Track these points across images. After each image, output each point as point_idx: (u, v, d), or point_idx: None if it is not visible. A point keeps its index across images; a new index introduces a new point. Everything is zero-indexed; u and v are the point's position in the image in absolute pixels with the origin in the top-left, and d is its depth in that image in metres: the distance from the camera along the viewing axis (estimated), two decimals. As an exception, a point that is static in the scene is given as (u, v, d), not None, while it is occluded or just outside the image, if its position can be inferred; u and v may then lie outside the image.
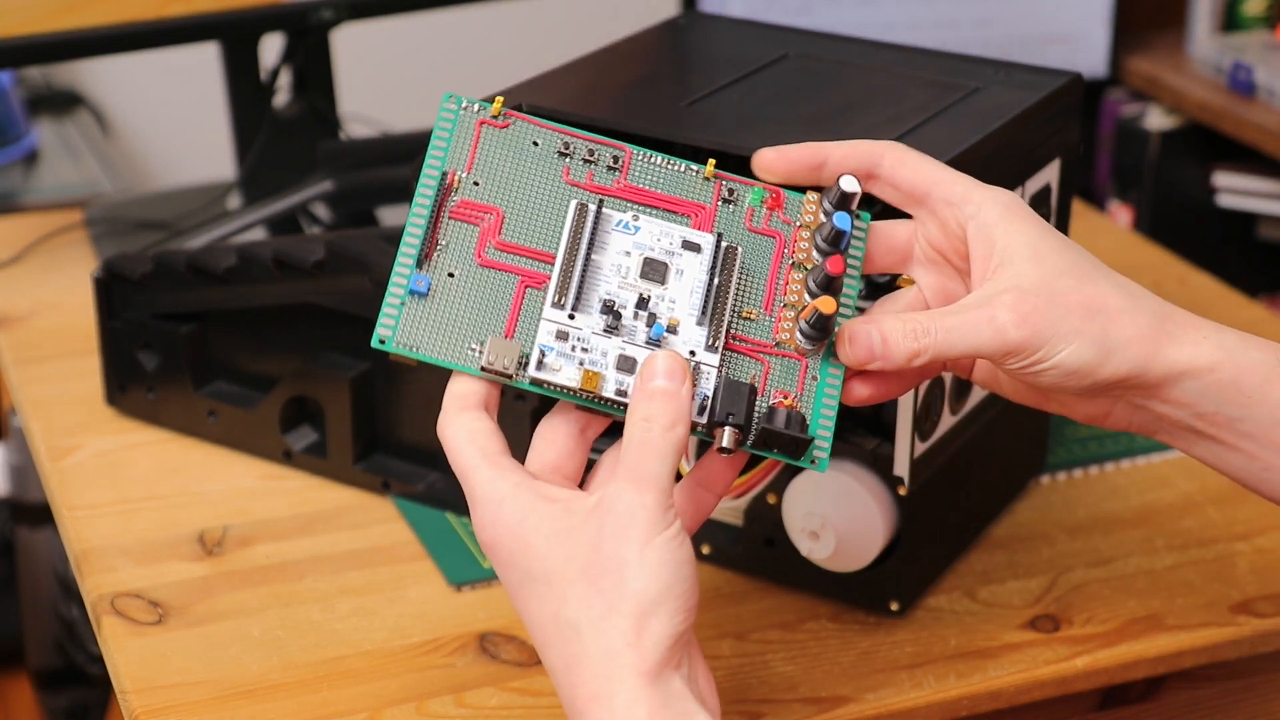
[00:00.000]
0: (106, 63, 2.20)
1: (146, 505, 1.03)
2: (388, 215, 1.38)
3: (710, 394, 0.72)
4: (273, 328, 1.07)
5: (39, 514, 1.66)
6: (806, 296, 0.75)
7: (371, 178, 1.38)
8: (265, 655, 0.90)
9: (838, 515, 0.89)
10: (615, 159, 0.77)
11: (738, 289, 0.75)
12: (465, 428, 0.71)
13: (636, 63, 1.03)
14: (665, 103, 0.95)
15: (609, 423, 0.74)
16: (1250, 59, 2.13)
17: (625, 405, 0.72)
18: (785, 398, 0.74)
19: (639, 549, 0.67)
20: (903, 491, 0.89)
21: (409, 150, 1.38)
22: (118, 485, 1.05)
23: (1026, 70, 0.99)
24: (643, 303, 0.74)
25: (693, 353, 0.73)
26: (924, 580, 0.95)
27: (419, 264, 0.74)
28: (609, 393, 0.72)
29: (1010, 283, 0.73)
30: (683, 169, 0.77)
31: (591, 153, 0.77)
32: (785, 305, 0.75)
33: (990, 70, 0.99)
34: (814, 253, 0.76)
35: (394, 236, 1.00)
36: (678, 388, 0.70)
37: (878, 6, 2.14)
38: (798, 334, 0.75)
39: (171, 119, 2.29)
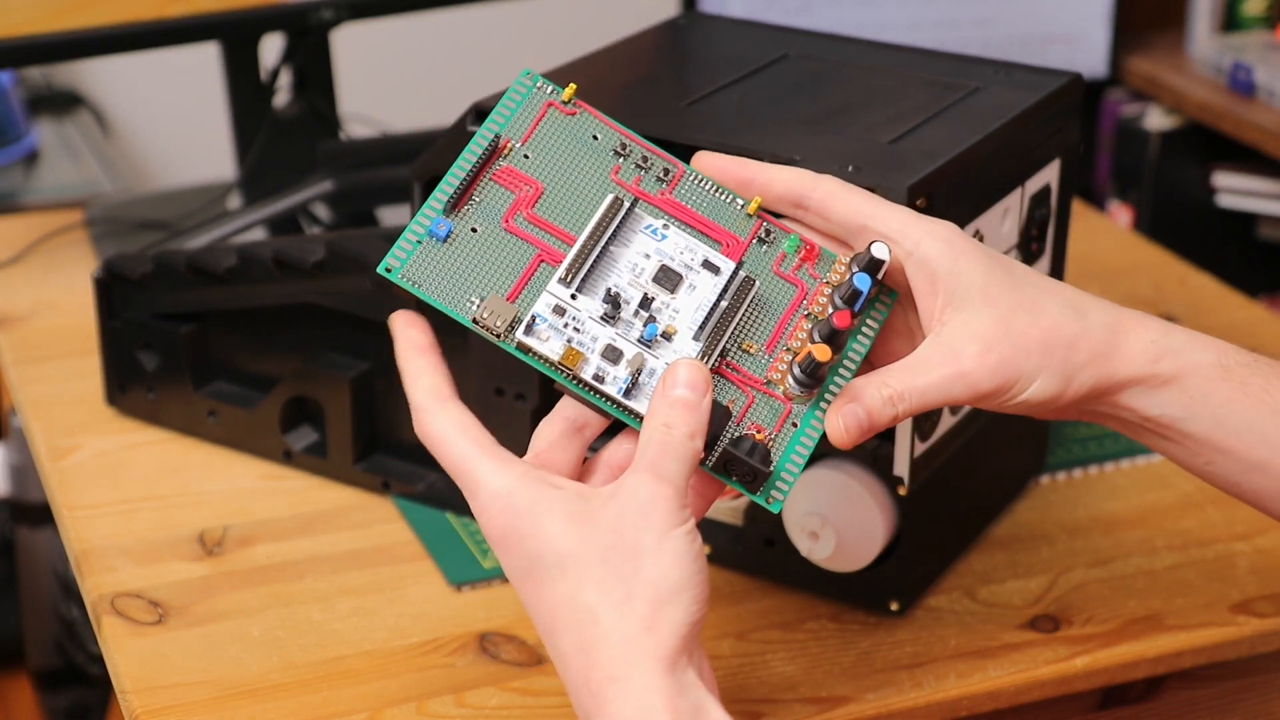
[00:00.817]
0: (106, 63, 2.20)
1: (146, 505, 1.03)
2: (388, 215, 1.38)
3: None
4: (273, 328, 1.07)
5: (39, 514, 1.66)
6: (809, 343, 0.75)
7: (371, 178, 1.38)
8: (265, 655, 0.90)
9: (838, 515, 0.89)
10: (666, 171, 0.78)
11: (743, 320, 0.76)
12: (453, 420, 0.72)
13: (636, 63, 1.03)
14: (665, 103, 0.95)
15: (607, 424, 0.74)
16: (1250, 59, 2.13)
17: (610, 400, 0.72)
18: (758, 432, 0.74)
19: (658, 538, 0.67)
20: (903, 491, 0.89)
21: (409, 150, 1.38)
22: (118, 485, 1.05)
23: (1026, 70, 0.99)
24: (646, 303, 0.74)
25: None
26: (924, 580, 0.95)
27: (447, 210, 0.75)
28: (587, 375, 0.72)
29: (968, 329, 0.74)
30: (729, 199, 0.78)
31: (645, 160, 0.78)
32: (786, 349, 0.76)
33: (990, 70, 0.99)
34: (829, 308, 0.76)
35: (394, 236, 1.00)
36: (699, 399, 0.71)
37: (878, 6, 2.14)
38: (789, 378, 0.75)
39: (171, 119, 2.29)
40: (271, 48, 1.39)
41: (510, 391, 0.98)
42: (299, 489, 1.05)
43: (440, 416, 0.72)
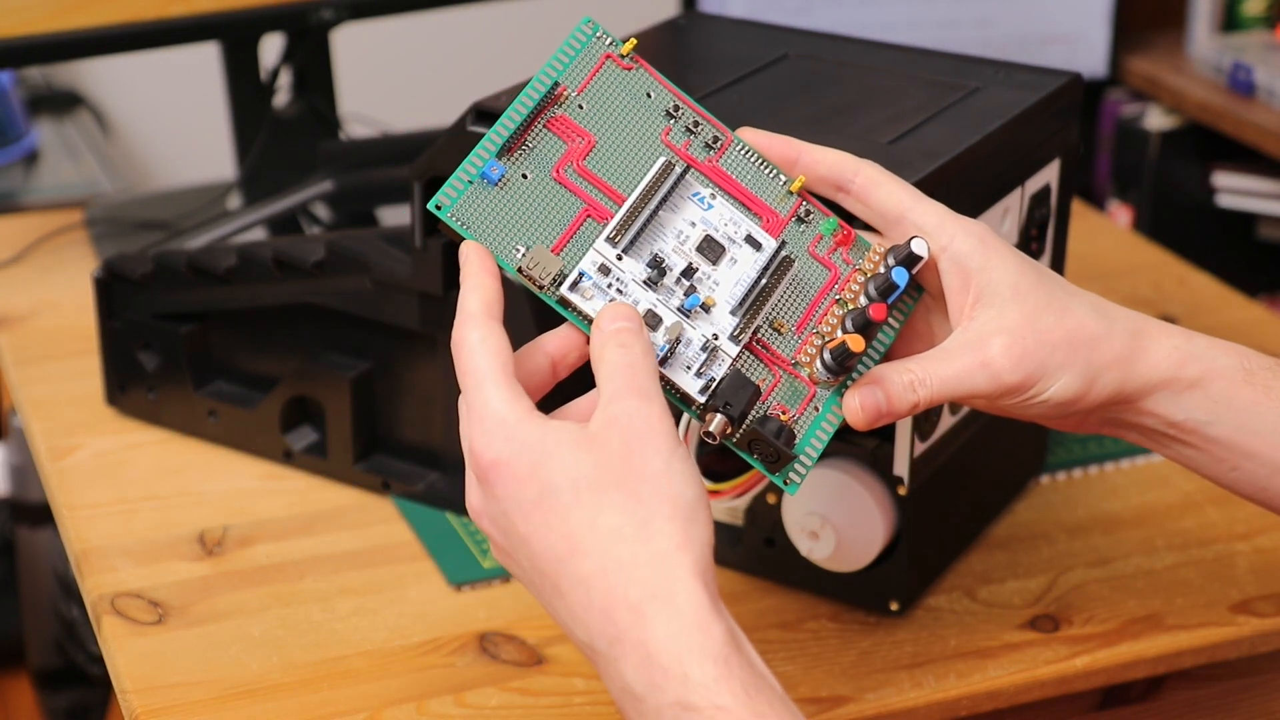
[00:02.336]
0: (106, 63, 2.20)
1: (146, 505, 1.03)
2: (388, 215, 1.38)
3: (717, 378, 0.73)
4: (273, 328, 1.07)
5: (39, 514, 1.66)
6: (839, 331, 0.75)
7: (371, 178, 1.38)
8: (265, 655, 0.90)
9: (837, 515, 0.89)
10: (715, 139, 0.78)
11: (780, 298, 0.76)
12: (489, 336, 0.70)
13: (636, 63, 1.03)
14: (665, 103, 0.95)
15: (582, 362, 0.74)
16: (1250, 59, 2.13)
17: None
18: (784, 413, 0.75)
19: (665, 460, 0.67)
20: (903, 491, 0.89)
21: (409, 150, 1.38)
22: (118, 485, 1.05)
23: (1026, 70, 0.99)
24: (689, 272, 0.74)
25: (715, 336, 0.74)
26: (924, 580, 0.95)
27: (500, 153, 0.75)
28: None
29: (996, 324, 0.74)
30: (773, 174, 0.78)
31: (696, 124, 0.78)
32: (816, 332, 0.76)
33: (990, 70, 0.99)
34: (861, 296, 0.76)
35: (394, 236, 1.00)
36: (638, 325, 0.71)
37: (878, 6, 2.14)
38: (818, 362, 0.75)
39: (171, 119, 2.29)
40: (271, 48, 1.39)
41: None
42: (299, 489, 1.05)
43: (480, 328, 0.71)
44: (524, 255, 0.73)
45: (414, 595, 0.95)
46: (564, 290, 0.73)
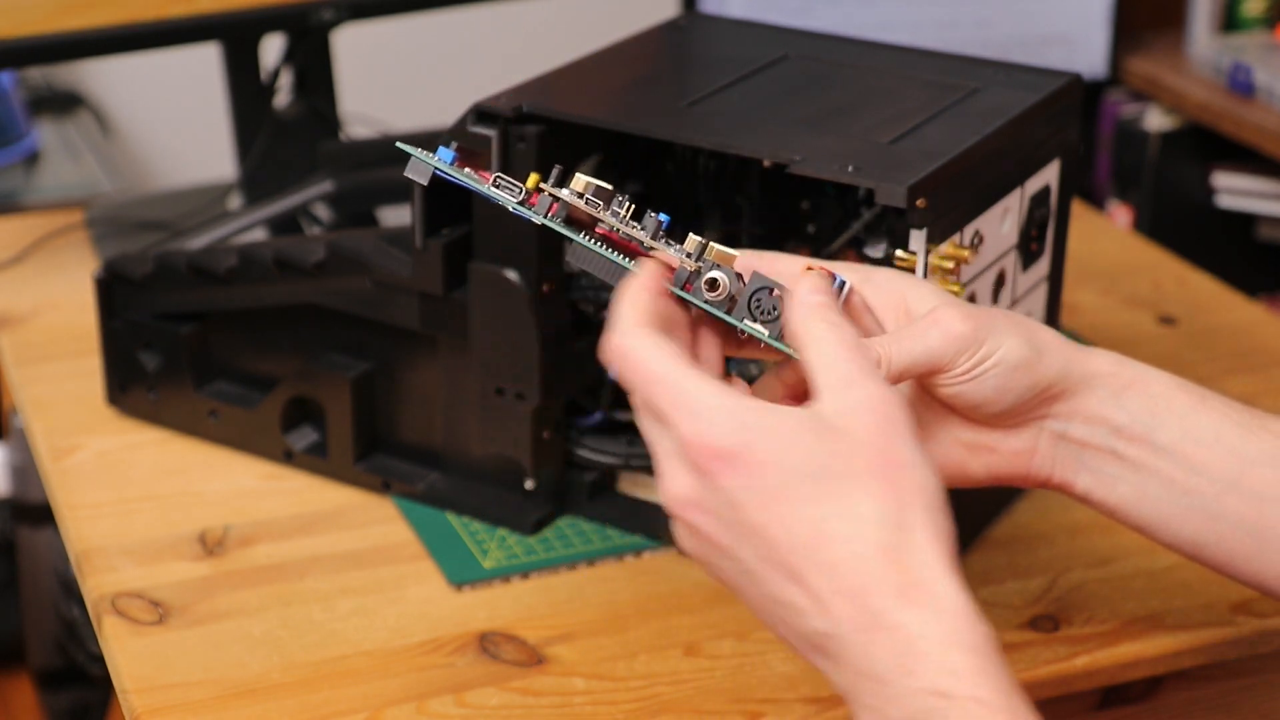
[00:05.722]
0: (107, 63, 2.20)
1: (147, 505, 1.03)
2: (388, 215, 1.38)
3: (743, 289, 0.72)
4: (273, 328, 1.07)
5: (40, 514, 1.66)
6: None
7: (372, 178, 1.38)
8: (266, 655, 0.90)
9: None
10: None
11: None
12: (657, 339, 0.69)
13: (637, 63, 1.03)
14: (665, 103, 0.95)
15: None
16: (1250, 59, 2.13)
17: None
18: None
19: (914, 448, 0.66)
20: (903, 491, 0.89)
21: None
22: (118, 485, 1.05)
23: (1026, 71, 0.99)
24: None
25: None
26: (924, 580, 0.94)
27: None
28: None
29: (937, 301, 0.75)
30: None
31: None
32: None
33: (990, 71, 0.99)
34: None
35: (394, 237, 1.00)
36: (835, 299, 0.71)
37: (878, 7, 2.14)
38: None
39: (172, 119, 2.29)
40: (272, 48, 1.40)
41: (510, 391, 0.98)
42: (299, 489, 1.05)
43: (643, 335, 0.69)
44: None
45: (414, 595, 0.95)
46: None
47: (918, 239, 0.85)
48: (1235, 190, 2.17)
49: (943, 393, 0.76)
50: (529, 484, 1.01)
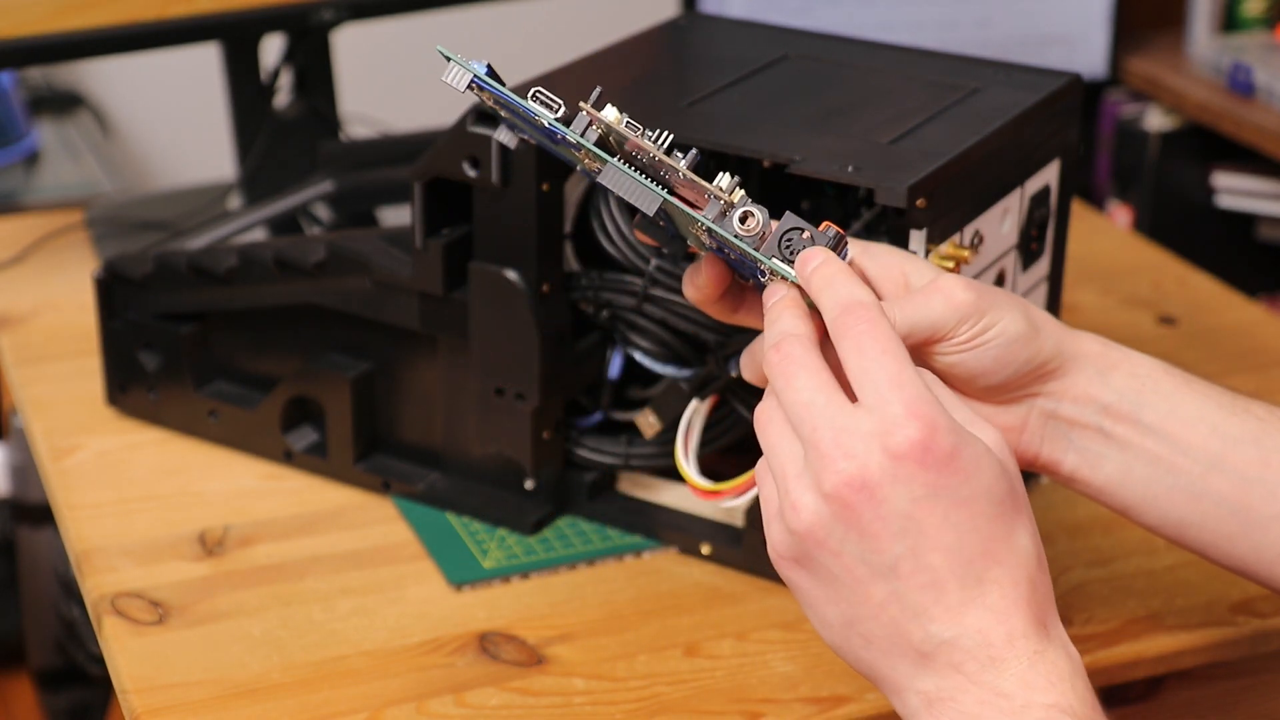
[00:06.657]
0: (107, 63, 2.20)
1: (147, 505, 1.03)
2: (388, 215, 1.38)
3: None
4: (273, 328, 1.07)
5: (40, 514, 1.66)
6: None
7: (371, 178, 1.38)
8: (265, 655, 0.90)
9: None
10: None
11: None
12: (813, 342, 0.70)
13: (637, 63, 1.03)
14: (665, 103, 0.95)
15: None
16: (1250, 59, 2.13)
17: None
18: None
19: (1021, 497, 0.69)
20: (903, 491, 0.89)
21: (409, 150, 1.38)
22: (118, 485, 1.05)
23: (1026, 71, 0.99)
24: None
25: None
26: (924, 580, 0.94)
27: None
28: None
29: (936, 275, 0.76)
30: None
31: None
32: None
33: (990, 71, 0.99)
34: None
35: (394, 237, 1.00)
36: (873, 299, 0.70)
37: (878, 7, 2.14)
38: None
39: (172, 119, 2.29)
40: (272, 48, 1.40)
41: (510, 391, 0.98)
42: (299, 489, 1.05)
43: (810, 350, 0.70)
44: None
45: (414, 595, 0.95)
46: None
47: (918, 239, 0.85)
48: (1235, 190, 2.17)
49: (941, 362, 0.76)
50: (529, 484, 1.01)
